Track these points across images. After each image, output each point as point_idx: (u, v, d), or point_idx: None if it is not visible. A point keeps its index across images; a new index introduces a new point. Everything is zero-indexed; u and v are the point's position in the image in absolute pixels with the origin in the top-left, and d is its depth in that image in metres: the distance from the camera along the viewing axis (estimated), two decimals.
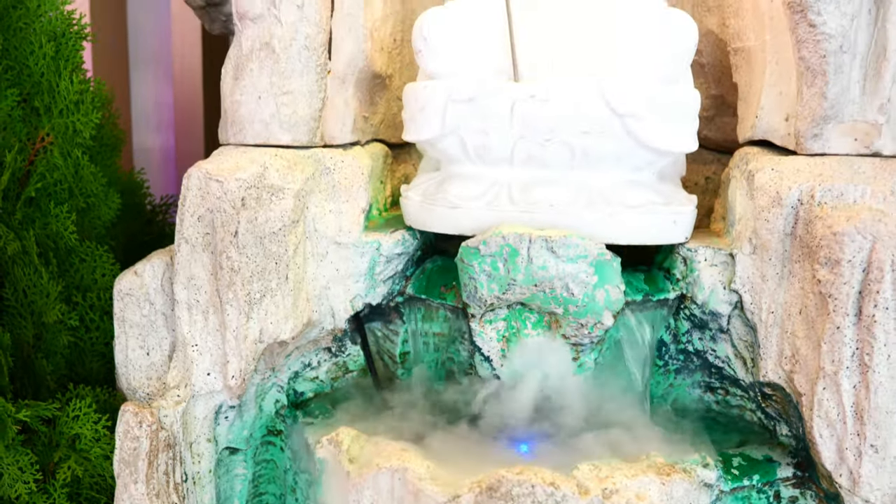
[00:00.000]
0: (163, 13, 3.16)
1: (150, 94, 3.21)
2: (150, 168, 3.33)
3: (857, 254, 1.62)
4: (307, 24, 1.85)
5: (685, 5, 2.25)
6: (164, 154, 3.25)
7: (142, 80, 3.21)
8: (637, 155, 1.81)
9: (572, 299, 1.75)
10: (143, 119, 3.23)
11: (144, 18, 3.15)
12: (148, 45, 3.18)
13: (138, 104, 3.21)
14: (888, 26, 1.72)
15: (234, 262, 1.75)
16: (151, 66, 3.19)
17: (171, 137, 3.25)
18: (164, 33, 3.16)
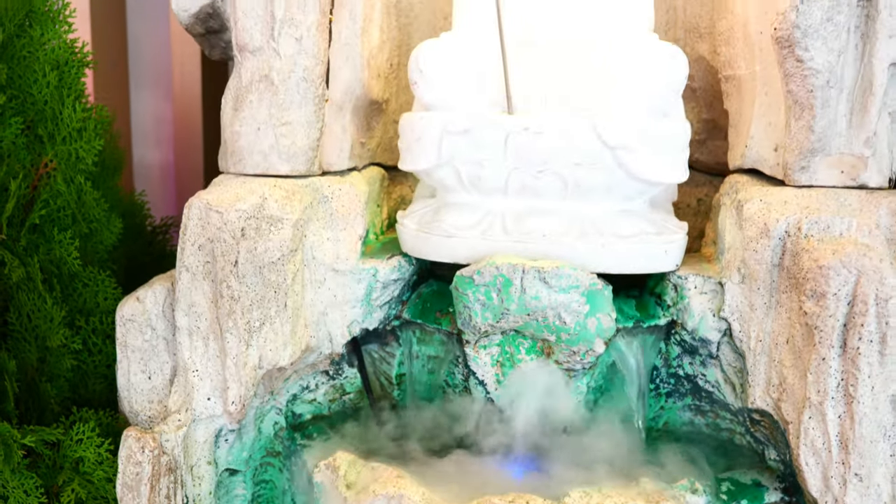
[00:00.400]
0: (162, 32, 3.18)
1: (149, 112, 3.24)
2: (149, 184, 3.37)
3: (843, 287, 1.64)
4: (305, 57, 1.88)
5: (678, 31, 2.27)
6: (164, 170, 3.28)
7: (142, 98, 3.24)
8: (628, 185, 1.84)
9: (564, 328, 1.78)
10: (143, 136, 3.25)
11: (145, 37, 3.17)
12: (148, 63, 3.21)
13: (138, 121, 3.23)
14: (874, 62, 1.75)
15: (234, 290, 1.78)
16: (151, 84, 3.21)
17: (170, 154, 3.27)
18: (164, 52, 3.18)
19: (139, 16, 3.26)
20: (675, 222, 1.94)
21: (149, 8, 3.27)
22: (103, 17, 3.11)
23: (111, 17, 3.18)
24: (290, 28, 1.87)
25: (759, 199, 1.82)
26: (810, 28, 1.73)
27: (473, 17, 2.00)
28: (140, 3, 3.27)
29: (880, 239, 1.70)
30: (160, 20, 3.25)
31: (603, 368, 1.89)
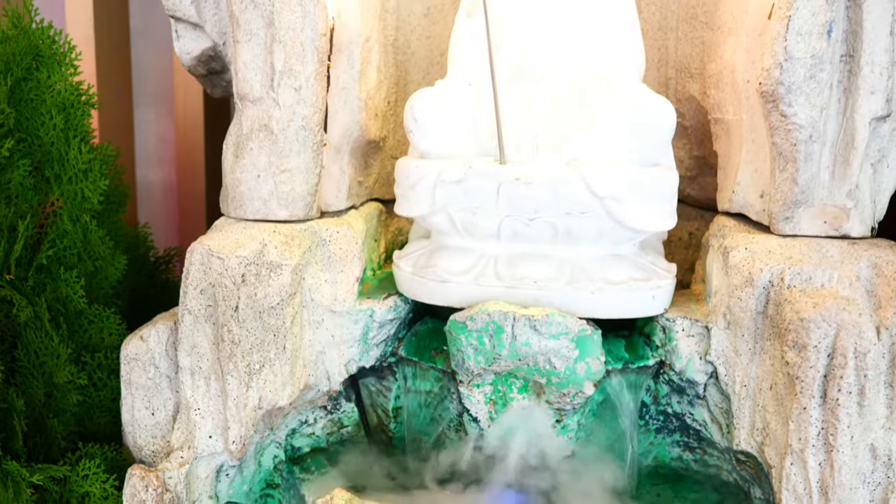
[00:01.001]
0: (165, 54, 3.22)
1: (152, 131, 3.27)
2: (151, 203, 3.41)
3: (823, 340, 1.68)
4: (304, 106, 1.91)
5: (669, 69, 2.30)
6: (166, 188, 3.32)
7: (145, 118, 3.27)
8: (618, 233, 1.88)
9: (554, 372, 1.82)
10: (146, 155, 3.29)
11: (147, 59, 3.20)
12: (151, 84, 3.24)
13: (141, 140, 3.27)
14: (856, 117, 1.78)
15: (235, 335, 1.82)
16: (154, 104, 3.25)
17: (172, 172, 3.31)
18: (167, 73, 3.22)
19: (142, 41, 3.30)
20: (663, 265, 1.97)
21: (151, 33, 3.30)
22: (108, 43, 3.15)
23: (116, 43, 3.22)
24: (290, 79, 1.90)
25: (745, 248, 1.85)
26: (794, 85, 1.76)
27: (467, 65, 2.04)
28: (143, 31, 3.30)
29: (860, 291, 1.73)
30: (163, 45, 3.28)
31: (593, 406, 1.93)
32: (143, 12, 3.29)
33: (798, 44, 1.76)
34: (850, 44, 1.78)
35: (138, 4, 3.29)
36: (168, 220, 3.40)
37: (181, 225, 3.30)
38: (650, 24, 2.35)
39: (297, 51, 1.90)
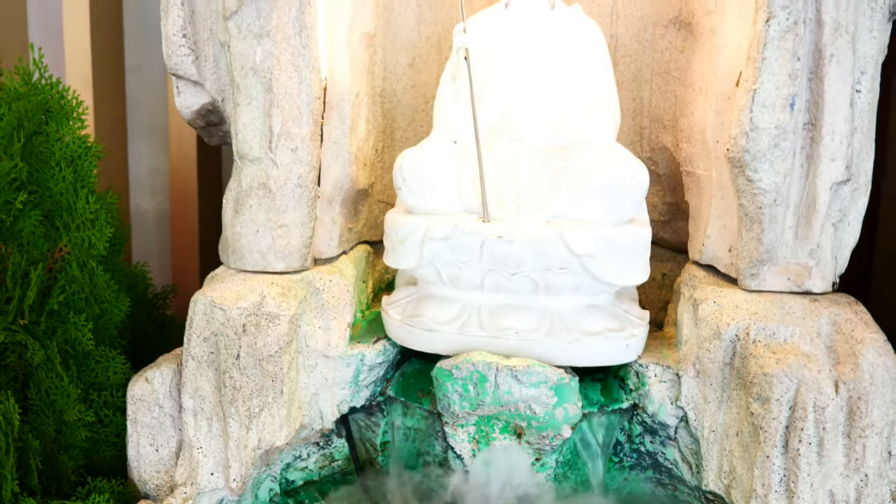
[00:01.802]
0: (158, 87, 3.28)
1: (145, 163, 3.34)
2: (145, 230, 3.49)
3: (785, 394, 1.77)
4: (300, 165, 1.99)
5: (643, 119, 2.38)
6: (159, 217, 3.39)
7: (138, 150, 3.34)
8: (594, 286, 1.96)
9: (535, 417, 1.90)
10: (139, 185, 3.36)
11: (141, 95, 3.27)
12: (145, 118, 3.31)
13: (135, 172, 3.33)
14: (818, 182, 1.86)
15: (237, 381, 1.90)
16: (147, 137, 3.31)
17: (165, 202, 3.38)
18: (160, 108, 3.28)
19: (136, 78, 3.36)
20: (637, 313, 2.05)
21: (145, 71, 3.37)
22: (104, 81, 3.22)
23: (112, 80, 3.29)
24: (287, 140, 1.98)
25: (714, 301, 1.93)
26: (759, 153, 1.84)
27: (452, 123, 2.12)
28: (137, 69, 3.37)
29: (821, 347, 1.82)
30: (155, 82, 3.35)
31: (570, 445, 2.01)
32: (137, 51, 3.37)
33: (763, 115, 1.83)
34: (813, 113, 1.85)
35: (132, 44, 3.37)
36: (161, 247, 3.49)
37: (174, 253, 3.38)
38: (625, 75, 2.42)
39: (294, 114, 1.98)
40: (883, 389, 1.76)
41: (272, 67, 1.94)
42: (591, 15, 2.33)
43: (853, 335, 1.81)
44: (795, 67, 1.81)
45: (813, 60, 1.84)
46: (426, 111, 2.44)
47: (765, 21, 1.80)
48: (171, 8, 2.09)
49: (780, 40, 1.81)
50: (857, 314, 1.85)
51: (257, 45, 1.95)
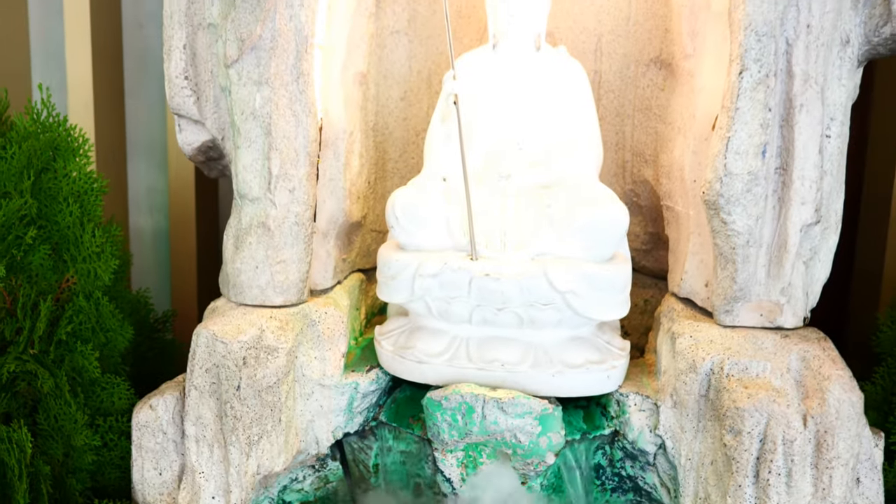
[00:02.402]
0: (157, 109, 3.38)
1: (144, 181, 3.43)
2: (143, 247, 3.58)
3: (756, 427, 1.86)
4: (297, 204, 2.08)
5: (626, 153, 2.48)
6: (157, 234, 3.46)
7: (137, 169, 3.46)
8: (576, 320, 2.06)
9: (520, 445, 2.00)
10: (138, 203, 3.48)
11: (140, 115, 3.36)
12: (143, 137, 3.40)
13: (134, 190, 3.44)
14: (788, 224, 1.95)
15: (237, 411, 1.99)
16: (146, 156, 3.39)
17: (163, 220, 3.48)
18: (159, 127, 3.37)
19: (134, 99, 3.47)
20: (619, 343, 2.15)
21: (143, 92, 3.47)
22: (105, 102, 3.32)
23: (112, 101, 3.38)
24: (285, 181, 2.07)
25: (690, 336, 2.03)
26: (732, 197, 1.93)
27: (442, 163, 2.21)
28: (135, 90, 3.48)
29: (790, 382, 1.91)
30: (153, 102, 3.48)
31: (555, 469, 2.11)
32: (136, 74, 3.45)
33: (736, 161, 1.92)
34: (784, 159, 1.94)
35: (131, 68, 3.46)
36: (159, 263, 3.58)
37: (173, 270, 3.46)
38: (609, 110, 2.52)
39: (292, 156, 2.07)
40: (848, 423, 1.85)
41: (271, 112, 2.03)
42: (576, 51, 2.43)
43: (821, 371, 1.90)
44: (767, 117, 1.89)
45: (784, 109, 1.92)
46: (417, 143, 2.52)
47: (738, 73, 1.89)
48: (173, 51, 2.17)
49: (752, 91, 1.89)
50: (824, 350, 1.94)
51: (257, 92, 2.03)
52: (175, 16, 2.17)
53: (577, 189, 2.13)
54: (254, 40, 2.03)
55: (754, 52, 1.89)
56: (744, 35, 1.86)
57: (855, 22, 1.94)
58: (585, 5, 2.45)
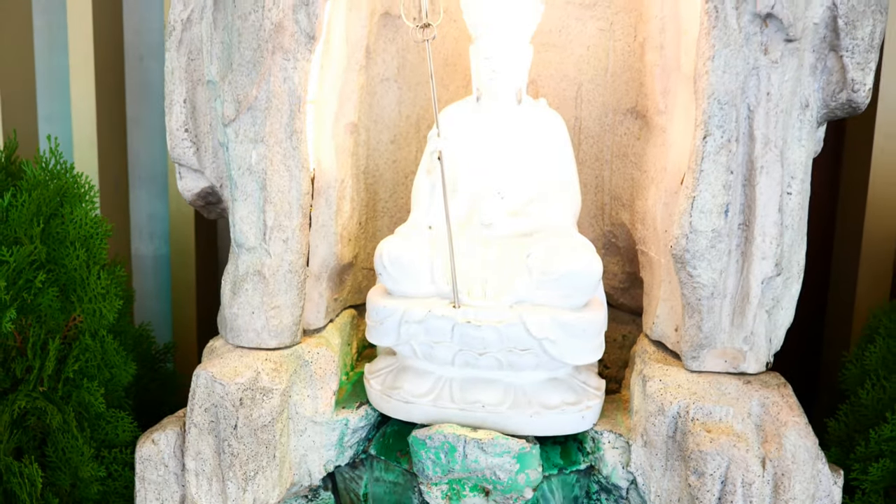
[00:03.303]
0: (157, 138, 3.59)
1: (145, 209, 3.62)
2: (144, 272, 3.77)
3: (717, 470, 2.02)
4: (291, 253, 2.24)
5: (604, 196, 2.64)
6: (157, 259, 3.63)
7: (139, 197, 3.64)
8: (552, 364, 2.21)
9: (499, 482, 2.17)
10: (139, 229, 3.65)
11: (141, 143, 3.55)
12: (145, 167, 3.61)
13: (136, 217, 3.63)
14: (750, 277, 2.10)
15: (234, 448, 2.15)
16: (147, 184, 3.56)
17: (163, 246, 3.66)
18: (159, 155, 3.54)
19: (137, 129, 3.69)
20: (594, 383, 2.31)
21: (145, 123, 3.68)
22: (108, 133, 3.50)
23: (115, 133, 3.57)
24: (279, 232, 2.23)
25: (659, 380, 2.19)
26: (697, 252, 2.08)
27: (427, 212, 2.38)
28: (137, 121, 3.68)
29: (751, 426, 2.07)
30: (154, 133, 3.68)
31: (533, 501, 2.27)
32: (138, 104, 3.66)
33: (701, 220, 2.07)
34: (747, 216, 2.08)
35: (132, 99, 3.65)
36: (159, 287, 3.75)
37: (173, 293, 3.62)
38: (588, 154, 2.67)
39: (286, 209, 2.22)
40: (804, 467, 2.01)
41: (266, 168, 2.18)
42: (557, 98, 2.59)
43: (779, 417, 2.06)
44: (729, 179, 2.05)
45: (747, 170, 2.06)
46: (406, 184, 2.68)
47: (702, 138, 2.03)
48: (174, 105, 2.33)
49: (715, 155, 2.04)
50: (783, 397, 2.10)
51: (253, 149, 2.18)
52: (176, 72, 2.32)
53: (555, 238, 2.27)
54: (250, 101, 2.17)
55: (717, 119, 2.01)
56: (707, 103, 1.98)
57: (814, 87, 2.08)
58: (566, 55, 2.57)
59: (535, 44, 2.52)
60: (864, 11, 2.02)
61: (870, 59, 2.05)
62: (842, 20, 2.02)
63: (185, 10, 2.32)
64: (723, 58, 1.97)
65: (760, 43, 1.97)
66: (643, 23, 2.36)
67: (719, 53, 1.97)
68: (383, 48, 2.57)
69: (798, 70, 2.05)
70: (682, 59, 2.14)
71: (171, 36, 2.33)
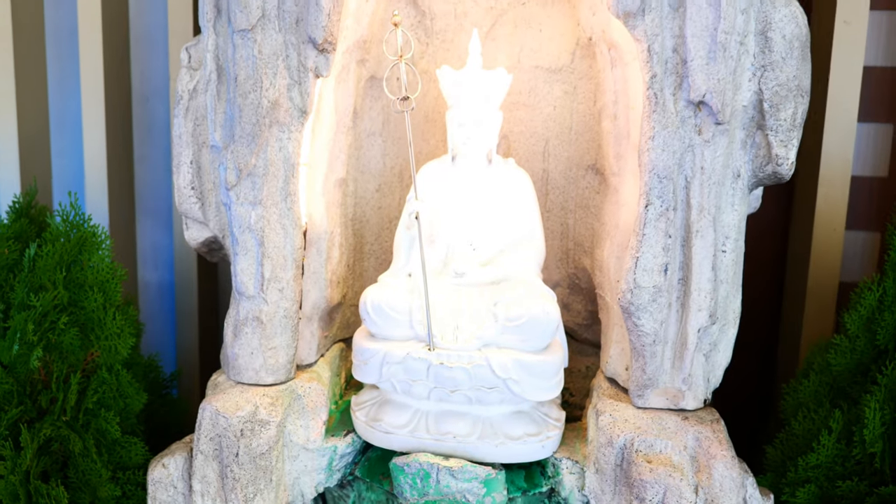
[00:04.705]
0: (162, 174, 3.93)
1: (150, 238, 3.97)
2: (150, 297, 4.13)
3: (655, 496, 2.37)
4: (286, 301, 2.60)
5: (569, 242, 2.98)
6: (161, 287, 4.00)
7: (145, 228, 3.98)
8: (516, 399, 2.58)
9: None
10: (145, 258, 3.99)
11: (146, 178, 3.91)
12: (150, 198, 3.96)
13: (142, 247, 3.98)
14: (688, 327, 2.40)
15: (236, 473, 2.51)
16: (152, 216, 3.96)
17: (167, 273, 3.99)
18: (164, 190, 3.91)
19: (143, 166, 4.05)
20: (555, 415, 2.65)
21: (150, 160, 4.06)
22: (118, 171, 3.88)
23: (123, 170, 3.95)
24: (275, 283, 2.58)
25: (610, 414, 2.53)
26: (641, 305, 2.42)
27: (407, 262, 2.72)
28: (144, 158, 4.05)
29: (686, 458, 2.40)
30: (159, 169, 4.04)
31: None
32: (144, 143, 4.03)
33: (644, 277, 2.32)
34: (685, 272, 2.39)
35: (139, 137, 4.02)
36: (163, 311, 4.09)
37: (177, 316, 3.96)
38: (555, 203, 2.91)
39: (281, 262, 2.57)
40: (730, 494, 2.36)
41: (264, 227, 2.45)
42: (527, 153, 2.95)
43: (709, 451, 2.42)
44: (668, 242, 2.38)
45: (685, 233, 2.32)
46: (390, 229, 2.89)
47: (644, 206, 2.34)
48: (182, 166, 2.70)
49: (655, 221, 2.28)
50: (714, 433, 2.45)
51: (252, 210, 2.45)
52: (183, 136, 2.69)
53: (520, 287, 2.63)
54: (249, 168, 2.45)
55: (657, 191, 2.25)
56: (648, 177, 2.22)
57: (745, 160, 2.29)
58: (535, 114, 2.83)
59: (508, 103, 2.86)
60: (787, 96, 2.33)
61: (792, 136, 2.35)
62: (766, 103, 2.24)
63: (192, 81, 2.69)
64: (661, 137, 2.22)
65: (695, 125, 2.22)
66: (601, 92, 2.59)
67: (658, 134, 2.23)
68: (369, 106, 2.81)
69: (729, 146, 2.22)
70: (631, 130, 2.35)
71: (178, 104, 2.68)
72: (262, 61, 2.34)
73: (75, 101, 3.89)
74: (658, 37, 2.21)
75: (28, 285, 2.58)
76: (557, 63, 2.84)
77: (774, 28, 2.23)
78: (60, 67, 3.74)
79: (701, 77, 2.20)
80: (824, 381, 2.83)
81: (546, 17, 2.81)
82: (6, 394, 2.53)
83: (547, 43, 2.82)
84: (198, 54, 2.68)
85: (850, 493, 2.45)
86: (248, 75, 2.35)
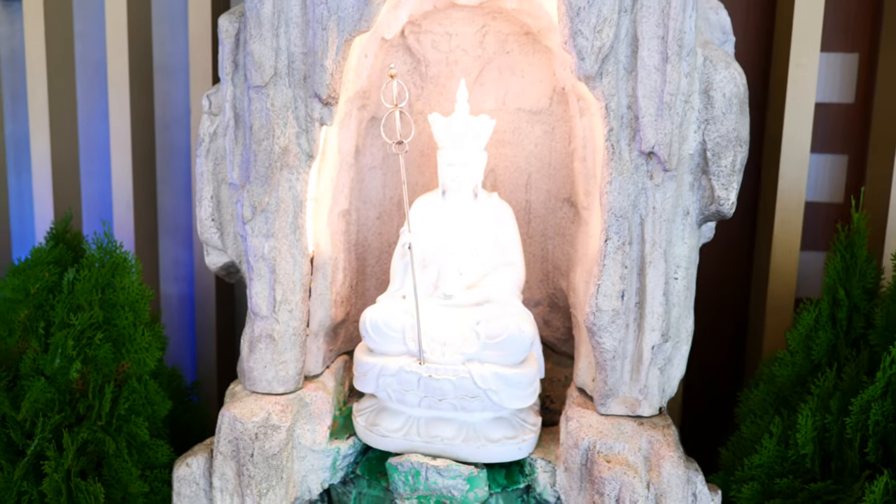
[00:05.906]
0: (182, 196, 4.26)
1: (171, 255, 4.30)
2: (171, 310, 4.27)
3: (612, 492, 2.69)
4: (295, 321, 2.79)
5: (548, 265, 3.24)
6: (182, 301, 4.31)
7: (166, 244, 4.31)
8: (496, 407, 2.98)
9: (454, 498, 2.87)
10: (167, 273, 4.32)
11: (168, 200, 4.27)
12: (171, 218, 4.28)
13: (165, 263, 4.30)
14: (643, 345, 2.51)
15: (251, 471, 2.58)
16: (173, 234, 4.28)
17: (187, 287, 4.31)
18: (184, 211, 4.24)
19: (165, 188, 4.41)
20: (532, 420, 2.86)
21: (172, 183, 4.42)
22: (142, 195, 4.26)
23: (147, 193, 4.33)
24: (285, 305, 2.80)
25: (577, 420, 2.65)
26: (602, 326, 2.56)
27: (403, 284, 3.03)
28: (166, 181, 4.40)
29: (641, 458, 2.50)
30: (180, 191, 4.39)
31: None
32: (166, 166, 4.38)
33: (604, 302, 2.55)
34: (641, 297, 2.54)
35: (162, 162, 4.37)
36: (183, 324, 4.44)
37: (197, 329, 4.32)
38: (536, 230, 3.13)
39: (291, 287, 2.78)
40: (676, 489, 2.47)
41: (275, 257, 2.68)
42: (511, 185, 3.19)
43: (659, 452, 2.55)
44: (624, 272, 2.55)
45: (640, 264, 2.50)
46: (389, 252, 3.06)
47: (604, 240, 2.49)
48: (203, 200, 3.11)
49: (613, 254, 2.52)
50: (664, 437, 2.56)
51: (265, 242, 2.70)
52: (205, 174, 2.92)
53: (500, 308, 3.02)
54: (263, 206, 2.63)
55: (615, 227, 2.48)
56: (607, 215, 2.46)
57: (693, 199, 2.53)
58: (518, 151, 3.11)
59: (494, 140, 2.98)
60: (727, 146, 2.49)
61: (732, 181, 2.49)
62: (710, 152, 2.49)
63: (212, 125, 3.14)
64: (618, 182, 2.48)
65: (647, 171, 2.45)
66: (573, 136, 2.83)
67: (615, 179, 2.49)
68: (371, 143, 3.03)
69: (678, 188, 2.47)
70: (597, 171, 2.54)
71: (200, 146, 3.00)
72: (275, 113, 2.59)
73: (104, 128, 4.08)
74: (614, 96, 2.44)
75: (68, 306, 2.88)
76: (538, 106, 3.08)
77: (716, 87, 2.47)
78: (89, 98, 4.01)
79: (651, 131, 2.44)
80: (770, 391, 2.99)
81: (528, 65, 3.04)
82: (49, 402, 2.80)
83: (529, 88, 3.05)
84: (217, 101, 2.81)
85: (786, 489, 2.70)
86: (261, 125, 2.59)
